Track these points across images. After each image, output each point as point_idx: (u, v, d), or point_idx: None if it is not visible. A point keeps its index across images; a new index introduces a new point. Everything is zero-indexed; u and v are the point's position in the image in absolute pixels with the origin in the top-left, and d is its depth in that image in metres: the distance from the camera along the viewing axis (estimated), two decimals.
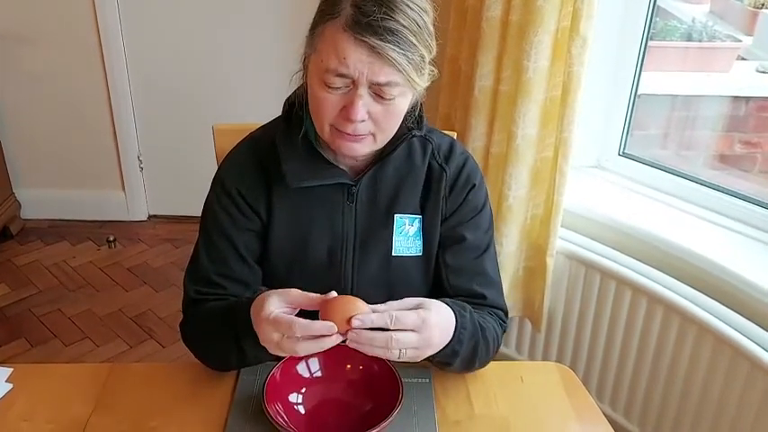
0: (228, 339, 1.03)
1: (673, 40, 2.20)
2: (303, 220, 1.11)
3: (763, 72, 2.10)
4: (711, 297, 1.66)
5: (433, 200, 1.13)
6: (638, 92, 2.02)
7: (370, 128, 1.01)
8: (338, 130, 1.01)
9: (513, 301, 2.04)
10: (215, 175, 1.15)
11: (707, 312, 1.63)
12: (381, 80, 0.95)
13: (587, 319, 1.92)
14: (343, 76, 0.95)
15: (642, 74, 2.00)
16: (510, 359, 2.15)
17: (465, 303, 1.08)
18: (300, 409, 1.04)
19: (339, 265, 1.13)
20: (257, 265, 1.14)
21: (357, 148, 1.03)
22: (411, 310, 0.95)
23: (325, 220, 1.12)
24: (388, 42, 0.92)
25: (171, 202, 3.08)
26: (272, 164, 1.09)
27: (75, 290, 2.65)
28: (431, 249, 1.14)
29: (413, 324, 0.93)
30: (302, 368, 1.07)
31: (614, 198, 1.99)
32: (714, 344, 1.61)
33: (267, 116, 1.18)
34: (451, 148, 1.16)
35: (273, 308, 0.94)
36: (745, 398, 1.58)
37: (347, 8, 0.94)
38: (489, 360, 1.14)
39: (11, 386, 1.10)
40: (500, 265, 1.89)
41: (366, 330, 0.91)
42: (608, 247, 1.87)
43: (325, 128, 1.02)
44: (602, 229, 1.91)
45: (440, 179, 1.13)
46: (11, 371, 1.13)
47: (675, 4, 2.21)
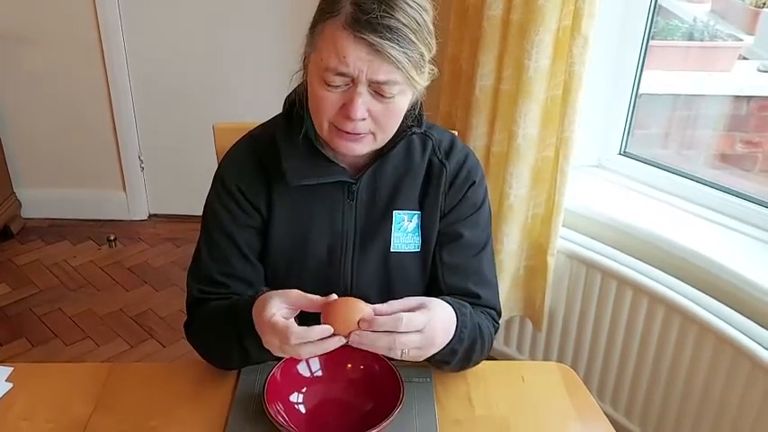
0: (231, 339, 1.03)
1: (674, 40, 2.20)
2: (303, 217, 1.11)
3: (765, 71, 2.10)
4: (712, 296, 1.66)
5: (433, 195, 1.13)
6: (639, 91, 2.02)
7: (369, 126, 1.00)
8: (337, 128, 1.01)
9: (514, 300, 2.04)
10: (215, 174, 1.15)
11: (708, 312, 1.63)
12: (381, 78, 0.95)
13: (588, 318, 1.92)
14: (342, 74, 0.95)
15: (643, 73, 2.00)
16: (511, 359, 2.14)
17: (464, 302, 1.08)
18: (301, 409, 1.04)
19: (339, 263, 1.13)
20: (259, 262, 1.14)
21: (356, 147, 1.03)
22: (415, 309, 0.94)
23: (326, 218, 1.11)
24: (387, 40, 0.92)
25: (171, 201, 3.08)
26: (271, 162, 1.09)
27: (76, 289, 2.65)
28: (429, 245, 1.14)
29: (421, 326, 0.93)
30: (303, 368, 1.07)
31: (615, 197, 1.99)
32: (715, 343, 1.61)
33: (267, 115, 1.18)
34: (452, 143, 1.16)
35: (275, 310, 0.94)
36: (746, 397, 1.58)
37: (347, 6, 0.94)
38: (482, 359, 1.13)
39: (11, 385, 1.10)
40: (501, 265, 1.92)
41: (370, 332, 0.91)
42: (609, 246, 1.87)
43: (324, 126, 1.02)
44: (603, 229, 1.91)
45: (440, 175, 1.13)
46: (11, 370, 1.13)
47: (677, 3, 2.21)
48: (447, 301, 1.02)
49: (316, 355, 0.99)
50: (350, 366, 1.07)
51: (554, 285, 1.95)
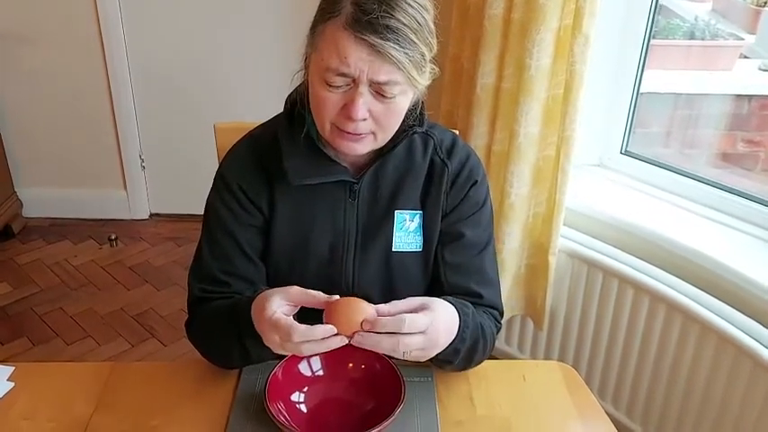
0: (232, 338, 1.03)
1: (675, 39, 2.20)
2: (305, 217, 1.11)
3: (766, 70, 2.09)
4: (713, 295, 1.65)
5: (435, 195, 1.13)
6: (640, 90, 2.02)
7: (370, 126, 1.00)
8: (339, 128, 1.01)
9: (516, 299, 2.04)
10: (216, 173, 1.15)
11: (709, 311, 1.63)
12: (382, 79, 0.95)
13: (589, 317, 1.91)
14: (343, 74, 0.95)
15: (644, 72, 1.99)
16: (512, 358, 2.14)
17: (466, 301, 1.08)
18: (302, 408, 1.04)
19: (340, 262, 1.13)
20: (261, 261, 1.14)
21: (357, 147, 1.03)
22: (418, 309, 0.94)
23: (327, 217, 1.11)
24: (388, 41, 0.92)
25: (172, 200, 3.08)
26: (272, 161, 1.09)
27: (77, 288, 2.65)
28: (431, 245, 1.14)
29: (424, 327, 0.93)
30: (304, 367, 1.07)
31: (616, 196, 1.99)
32: (717, 342, 1.61)
33: (268, 115, 1.18)
34: (454, 143, 1.16)
35: (275, 307, 0.94)
36: (747, 396, 1.58)
37: (347, 6, 0.93)
38: (484, 359, 1.13)
39: (12, 385, 1.10)
40: (502, 264, 1.92)
41: (373, 333, 0.91)
42: (610, 245, 1.86)
43: (326, 126, 1.02)
44: (604, 228, 1.91)
45: (441, 174, 1.13)
46: (12, 369, 1.13)
47: (678, 2, 2.20)
48: (449, 301, 1.02)
49: (317, 354, 0.99)
50: (351, 366, 1.07)
51: (555, 284, 1.95)
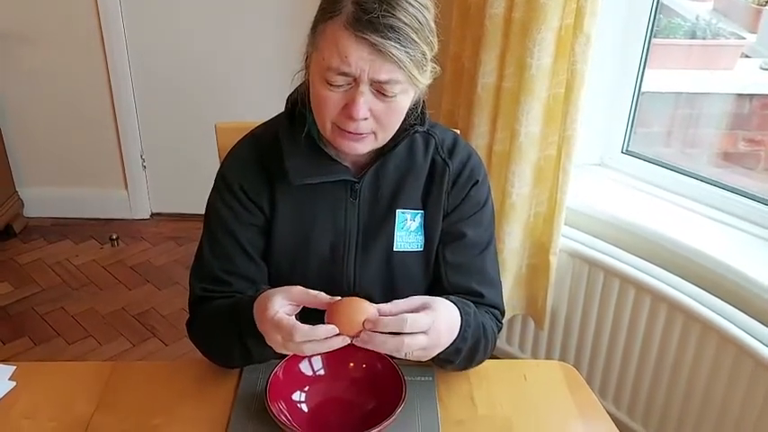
0: (233, 338, 1.03)
1: (676, 38, 2.19)
2: (306, 216, 1.11)
3: (767, 69, 2.09)
4: (715, 295, 1.65)
5: (436, 195, 1.13)
6: (641, 89, 2.02)
7: (371, 125, 1.00)
8: (340, 128, 1.01)
9: (517, 298, 2.04)
10: (217, 172, 1.15)
11: (711, 310, 1.63)
12: (383, 78, 0.95)
13: (591, 317, 1.91)
14: (344, 74, 0.95)
15: (646, 71, 1.99)
16: (513, 357, 2.14)
17: (468, 301, 1.08)
18: (303, 408, 1.04)
19: (341, 262, 1.13)
20: (262, 261, 1.14)
21: (358, 146, 1.03)
22: (419, 309, 0.94)
23: (328, 217, 1.11)
24: (389, 39, 0.92)
25: (173, 200, 3.08)
26: (273, 160, 1.09)
27: (78, 288, 2.65)
28: (432, 245, 1.14)
29: (426, 327, 0.93)
30: (305, 366, 1.07)
31: (617, 196, 1.99)
32: (718, 342, 1.61)
33: (269, 114, 1.18)
34: (455, 142, 1.16)
35: (277, 306, 0.94)
36: (748, 395, 1.58)
37: (348, 6, 0.93)
38: (486, 358, 1.13)
39: (14, 384, 1.10)
40: (503, 263, 1.92)
41: (377, 333, 0.91)
42: (611, 245, 1.86)
43: (327, 126, 1.02)
44: (605, 227, 1.90)
45: (443, 174, 1.13)
46: (14, 369, 1.13)
47: (679, 1, 2.20)
48: (451, 301, 1.02)
49: (318, 353, 0.99)
50: (352, 365, 1.07)
51: (556, 284, 1.95)
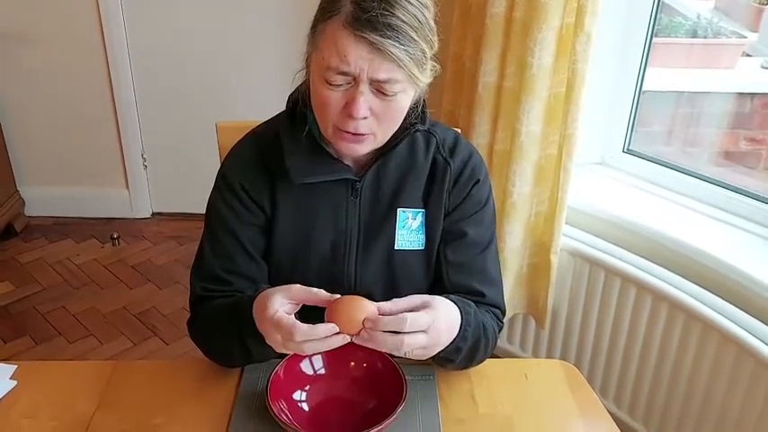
0: (233, 337, 1.03)
1: (677, 37, 2.19)
2: (307, 215, 1.11)
3: None
4: (716, 294, 1.65)
5: (437, 193, 1.13)
6: (642, 88, 2.02)
7: (371, 125, 1.00)
8: (340, 129, 1.00)
9: (518, 298, 2.04)
10: (218, 171, 1.15)
11: (712, 310, 1.63)
12: (382, 77, 0.94)
13: (591, 316, 1.91)
14: (344, 73, 0.95)
15: (647, 70, 1.99)
16: (514, 356, 2.14)
17: (468, 300, 1.08)
18: (304, 407, 1.04)
19: (342, 260, 1.13)
20: (263, 260, 1.14)
21: (358, 148, 1.03)
22: (419, 308, 0.94)
23: (329, 216, 1.11)
24: (388, 38, 0.92)
25: (174, 199, 3.08)
26: (274, 159, 1.09)
27: (79, 287, 2.65)
28: (433, 243, 1.14)
29: (425, 326, 0.93)
30: (306, 366, 1.07)
31: (618, 195, 1.98)
32: (719, 341, 1.61)
33: (269, 113, 1.18)
34: (456, 141, 1.16)
35: (277, 306, 0.94)
36: (749, 394, 1.58)
37: (347, 5, 0.93)
38: (486, 358, 1.13)
39: (14, 383, 1.10)
40: (504, 262, 1.92)
41: (377, 332, 0.91)
42: (612, 244, 1.86)
43: (329, 128, 1.02)
44: (606, 226, 1.90)
45: (444, 173, 1.13)
46: (15, 368, 1.13)
47: (680, 0, 2.20)
48: (451, 299, 1.02)
49: (319, 352, 0.99)
50: (353, 364, 1.07)
51: (557, 283, 1.95)
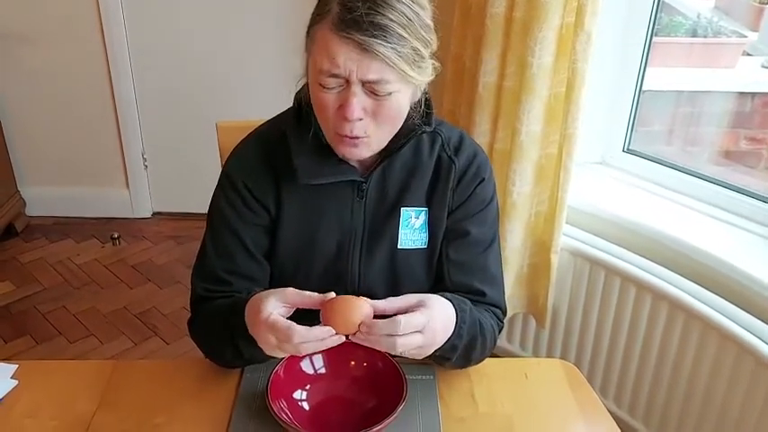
0: (226, 338, 1.03)
1: (678, 36, 2.19)
2: (313, 216, 1.11)
3: None
4: (716, 294, 1.65)
5: (441, 192, 1.12)
6: (642, 88, 2.02)
7: (368, 126, 0.99)
8: (339, 134, 1.00)
9: (518, 297, 2.04)
10: (222, 170, 1.15)
11: (712, 309, 1.63)
12: (372, 77, 0.93)
13: (592, 315, 1.91)
14: (335, 75, 0.94)
15: (647, 70, 1.99)
16: (514, 356, 2.14)
17: (465, 298, 1.08)
18: (304, 406, 1.04)
19: (346, 260, 1.13)
20: (265, 260, 1.14)
21: (356, 152, 1.02)
22: (414, 307, 0.94)
23: (335, 216, 1.11)
24: (374, 38, 0.91)
25: (175, 199, 3.08)
26: (279, 159, 1.09)
27: (80, 287, 2.65)
28: (436, 242, 1.14)
29: (420, 326, 0.93)
30: (306, 365, 1.07)
31: (619, 194, 1.98)
32: (719, 340, 1.61)
33: (270, 113, 1.18)
34: (461, 140, 1.15)
35: (271, 308, 0.94)
36: (749, 394, 1.58)
37: (334, 7, 0.93)
38: (485, 357, 1.13)
39: (15, 383, 1.10)
40: (504, 262, 1.91)
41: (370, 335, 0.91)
42: (612, 243, 1.86)
43: (329, 132, 1.02)
44: (606, 226, 1.90)
45: (449, 171, 1.12)
46: (15, 367, 1.13)
47: None
48: (447, 298, 1.02)
49: (317, 352, 0.99)
50: (353, 364, 1.07)
51: (557, 282, 1.95)
